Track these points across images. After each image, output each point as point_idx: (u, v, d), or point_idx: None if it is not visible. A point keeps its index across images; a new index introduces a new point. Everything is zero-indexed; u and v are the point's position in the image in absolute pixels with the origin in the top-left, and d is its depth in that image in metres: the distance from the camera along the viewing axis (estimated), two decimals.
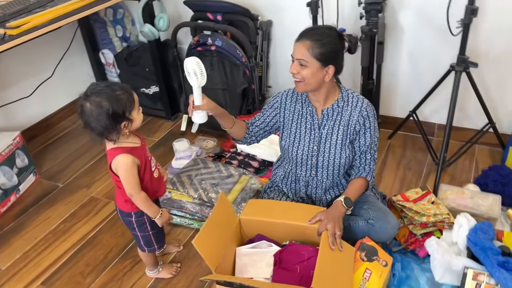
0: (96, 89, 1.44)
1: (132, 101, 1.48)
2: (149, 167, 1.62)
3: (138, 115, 1.52)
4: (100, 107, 1.42)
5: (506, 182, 2.09)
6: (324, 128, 1.77)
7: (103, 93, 1.43)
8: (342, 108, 1.75)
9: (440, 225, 1.84)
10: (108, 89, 1.44)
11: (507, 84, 2.31)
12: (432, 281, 1.71)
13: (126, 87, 1.49)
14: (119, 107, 1.43)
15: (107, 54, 3.14)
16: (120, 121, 1.46)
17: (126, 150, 1.52)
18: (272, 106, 1.84)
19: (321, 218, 1.67)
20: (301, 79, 1.65)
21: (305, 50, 1.61)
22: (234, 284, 1.51)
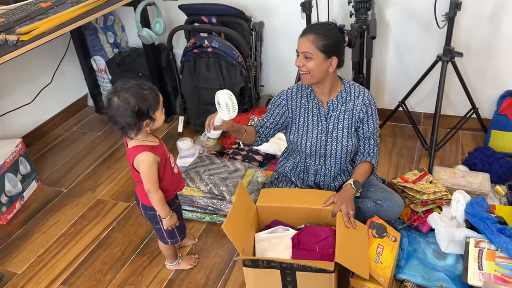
0: (125, 85, 1.51)
1: (158, 101, 1.55)
2: (169, 163, 1.70)
3: (161, 116, 1.59)
4: (127, 103, 1.49)
5: (492, 161, 2.28)
6: (330, 118, 1.90)
7: (132, 90, 1.50)
8: (346, 99, 1.88)
9: (439, 202, 1.99)
10: (137, 87, 1.51)
11: (487, 72, 2.52)
12: (438, 252, 1.86)
13: (154, 88, 1.56)
14: (145, 106, 1.50)
15: (99, 60, 3.18)
16: (143, 119, 1.53)
17: (147, 148, 1.60)
18: (279, 104, 1.94)
19: (334, 200, 1.79)
20: (306, 71, 1.77)
21: (309, 43, 1.73)
22: (262, 262, 1.60)
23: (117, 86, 1.52)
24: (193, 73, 2.75)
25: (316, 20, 2.49)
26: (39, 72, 3.01)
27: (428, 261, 1.83)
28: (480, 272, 1.64)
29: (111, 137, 3.05)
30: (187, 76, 2.78)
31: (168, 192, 1.73)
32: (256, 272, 1.66)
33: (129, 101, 1.49)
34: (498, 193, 2.17)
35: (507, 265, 1.64)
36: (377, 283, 1.63)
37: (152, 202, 1.68)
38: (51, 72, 3.07)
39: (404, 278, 1.79)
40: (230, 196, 2.17)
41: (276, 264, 1.61)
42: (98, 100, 3.35)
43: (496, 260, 1.68)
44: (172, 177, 1.72)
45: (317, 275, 1.58)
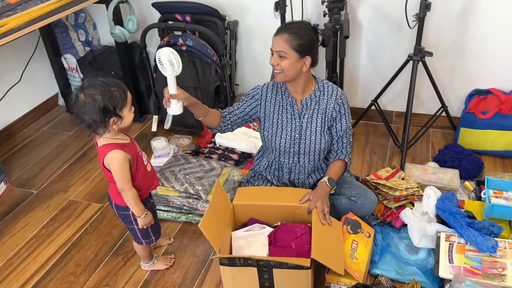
0: (93, 83, 1.49)
1: (125, 99, 1.53)
2: (141, 161, 1.68)
3: (129, 114, 1.57)
4: (93, 100, 1.47)
5: (461, 158, 2.35)
6: (304, 117, 1.91)
7: (98, 87, 1.48)
8: (319, 98, 1.91)
9: (411, 197, 2.04)
10: (104, 84, 1.49)
11: (456, 71, 2.59)
12: (411, 247, 1.90)
13: (122, 85, 1.54)
14: (111, 103, 1.48)
15: (70, 59, 3.11)
16: (109, 116, 1.51)
17: (117, 146, 1.57)
18: (253, 97, 1.95)
19: (309, 198, 1.81)
20: (280, 70, 1.78)
21: (284, 42, 1.74)
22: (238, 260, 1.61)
23: (84, 83, 1.51)
24: None
25: (290, 19, 2.51)
26: (6, 71, 2.92)
27: (401, 256, 1.87)
28: (451, 265, 1.69)
29: (83, 137, 2.99)
30: (161, 75, 2.74)
31: (142, 190, 1.71)
32: (233, 271, 1.66)
33: (95, 98, 1.47)
34: (467, 188, 2.24)
35: (476, 258, 1.70)
36: (352, 278, 1.66)
37: (126, 201, 1.66)
38: (20, 70, 2.98)
39: (378, 273, 1.82)
40: (206, 195, 2.16)
41: (253, 261, 1.61)
42: (69, 99, 3.26)
43: (466, 253, 1.73)
44: (145, 175, 1.70)
45: (294, 272, 1.60)
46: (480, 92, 2.54)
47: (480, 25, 2.41)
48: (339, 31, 2.45)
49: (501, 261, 1.67)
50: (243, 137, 2.56)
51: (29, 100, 3.18)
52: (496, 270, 1.64)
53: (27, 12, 2.11)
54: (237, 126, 1.99)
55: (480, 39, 2.45)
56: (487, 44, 2.45)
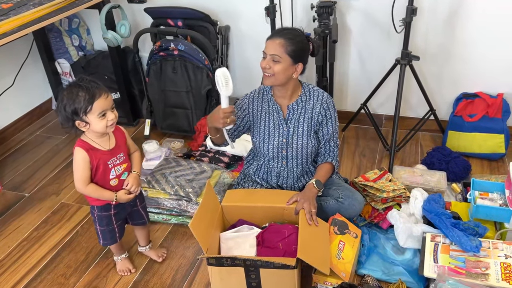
0: (71, 83, 1.57)
1: (90, 104, 1.52)
2: (107, 173, 1.69)
3: (97, 121, 1.56)
4: (61, 101, 1.53)
5: (448, 161, 2.38)
6: (290, 122, 1.94)
7: (68, 89, 1.53)
8: (305, 102, 1.93)
9: (398, 199, 2.07)
10: (75, 86, 1.53)
11: (443, 75, 2.63)
12: (397, 247, 1.92)
13: (96, 90, 1.53)
14: (72, 107, 1.51)
15: (63, 63, 3.14)
16: (74, 119, 1.55)
17: (84, 145, 1.62)
18: (241, 108, 1.97)
19: (297, 199, 1.84)
20: (272, 73, 1.80)
21: (279, 46, 1.76)
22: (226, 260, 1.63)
23: (71, 83, 1.58)
24: (160, 76, 2.76)
25: (280, 24, 2.55)
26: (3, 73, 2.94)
27: (388, 256, 1.89)
28: (435, 264, 1.72)
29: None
30: (153, 79, 2.78)
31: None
32: (220, 271, 1.68)
33: (62, 98, 1.53)
34: (454, 190, 2.27)
35: (460, 257, 1.73)
36: (339, 278, 1.68)
37: (90, 196, 1.71)
38: (13, 75, 3.01)
39: (365, 273, 1.84)
40: (196, 198, 2.19)
41: (240, 261, 1.63)
42: None
43: (451, 253, 1.76)
44: (105, 187, 1.71)
45: (280, 272, 1.62)
46: (467, 96, 2.58)
47: (467, 29, 2.46)
48: (328, 36, 2.49)
49: (484, 260, 1.70)
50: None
51: (23, 105, 3.20)
52: (479, 269, 1.66)
53: (20, 16, 2.14)
54: (237, 138, 2.03)
55: (467, 43, 2.49)
56: (474, 48, 2.50)
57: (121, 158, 1.72)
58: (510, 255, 1.69)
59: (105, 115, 1.56)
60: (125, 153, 1.75)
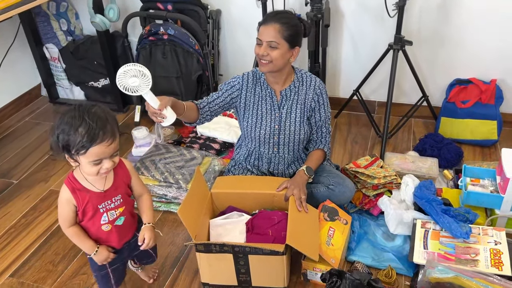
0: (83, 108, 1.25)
1: (85, 148, 1.23)
2: (96, 218, 1.42)
3: (88, 166, 1.28)
4: (58, 125, 1.25)
5: (440, 147, 2.37)
6: (283, 108, 1.91)
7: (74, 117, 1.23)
8: (298, 88, 1.90)
9: (389, 186, 2.05)
10: (81, 118, 1.23)
11: (437, 60, 2.60)
12: (387, 234, 1.92)
13: (99, 134, 1.23)
14: (66, 139, 1.23)
15: (52, 48, 3.08)
16: (64, 152, 1.27)
17: (72, 184, 1.36)
18: (233, 86, 1.92)
19: (287, 186, 1.82)
20: (269, 60, 1.75)
21: (275, 32, 1.72)
22: (214, 246, 1.61)
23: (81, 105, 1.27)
24: (149, 61, 2.71)
25: (272, 8, 2.50)
26: None
27: (378, 243, 1.89)
28: (425, 251, 1.71)
29: None
30: (143, 64, 2.71)
31: (99, 242, 1.48)
32: (209, 257, 1.67)
33: (59, 124, 1.25)
34: (445, 177, 2.25)
35: (450, 244, 1.72)
36: (328, 264, 1.67)
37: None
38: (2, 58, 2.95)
39: (355, 259, 1.84)
40: (186, 184, 2.16)
41: (228, 248, 1.62)
42: (52, 90, 3.25)
43: (441, 239, 1.75)
44: (98, 232, 1.45)
45: (269, 258, 1.61)
46: (460, 82, 2.56)
47: (460, 15, 2.42)
48: (320, 20, 2.45)
49: (474, 246, 1.69)
50: (225, 127, 2.56)
51: (11, 91, 3.15)
52: (469, 255, 1.66)
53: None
54: (216, 115, 1.94)
55: (461, 28, 2.46)
56: (468, 34, 2.47)
57: (117, 201, 1.43)
58: (499, 241, 1.69)
59: (101, 163, 1.29)
60: (124, 194, 1.45)
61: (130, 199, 1.50)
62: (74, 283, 1.86)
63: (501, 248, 1.66)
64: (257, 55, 1.77)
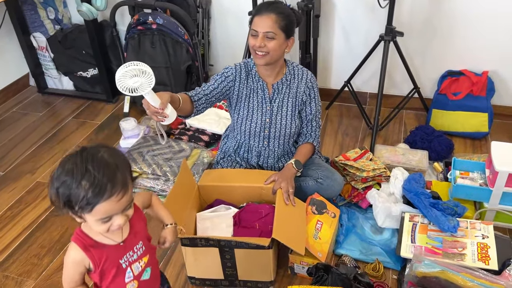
0: (86, 153, 1.02)
1: (90, 205, 0.99)
2: (120, 277, 1.15)
3: (96, 224, 1.04)
4: (57, 175, 1.01)
5: (431, 139, 2.35)
6: (275, 101, 1.88)
7: (75, 166, 0.99)
8: (290, 81, 1.87)
9: (378, 178, 2.04)
10: (84, 168, 0.99)
11: (428, 52, 2.58)
12: (375, 227, 1.91)
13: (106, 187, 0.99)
14: (67, 193, 0.99)
15: (39, 37, 3.02)
16: (67, 208, 1.02)
17: (83, 240, 1.11)
18: (228, 77, 1.85)
19: (275, 179, 1.80)
20: (266, 52, 1.71)
21: (272, 22, 1.68)
22: (199, 240, 1.60)
23: (85, 149, 1.03)
24: (138, 50, 2.67)
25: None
26: None
27: (366, 236, 1.88)
28: (413, 245, 1.70)
29: (53, 118, 2.94)
30: (131, 54, 2.70)
31: None
32: (195, 251, 1.65)
33: (58, 174, 1.01)
34: (435, 169, 2.24)
35: (437, 238, 1.71)
36: (315, 258, 1.66)
37: None
38: None
39: (343, 253, 1.83)
40: (174, 177, 2.14)
41: (214, 242, 1.60)
42: (40, 80, 3.20)
43: (428, 233, 1.74)
44: None
45: (255, 252, 1.59)
46: (452, 74, 2.54)
47: (452, 6, 2.39)
48: (311, 10, 2.42)
49: (461, 240, 1.69)
50: (215, 118, 2.53)
51: None
52: (456, 249, 1.65)
53: None
54: (210, 106, 1.90)
55: (453, 19, 2.43)
56: (460, 24, 2.44)
57: (139, 250, 1.18)
58: (487, 235, 1.68)
59: (110, 220, 1.04)
60: (145, 239, 1.21)
61: (151, 244, 1.26)
62: (60, 276, 1.84)
63: (488, 242, 1.65)
64: (253, 47, 1.73)
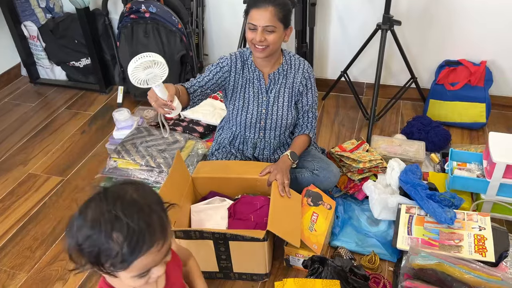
0: (103, 195, 0.86)
1: (126, 262, 0.84)
2: None
3: (132, 280, 0.88)
4: (78, 227, 0.84)
5: (428, 130, 2.33)
6: (271, 92, 1.85)
7: (102, 216, 0.83)
8: (287, 71, 1.84)
9: (375, 170, 2.02)
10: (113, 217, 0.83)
11: (426, 41, 2.54)
12: (372, 219, 1.89)
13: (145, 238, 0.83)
14: (95, 251, 0.83)
15: (30, 26, 2.96)
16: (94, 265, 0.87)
17: None
18: (223, 68, 1.82)
19: (270, 170, 1.77)
20: (266, 45, 1.68)
21: (271, 15, 1.64)
22: (194, 233, 1.57)
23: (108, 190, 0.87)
24: (131, 40, 2.62)
25: None
26: None
27: (362, 228, 1.86)
28: (409, 237, 1.69)
29: (46, 109, 2.89)
30: (124, 43, 2.65)
31: None
32: (189, 244, 1.63)
33: (79, 223, 0.85)
34: (432, 160, 2.22)
35: (434, 229, 1.70)
36: (311, 250, 1.65)
37: None
38: None
39: (339, 245, 1.81)
40: (167, 169, 2.11)
41: (208, 234, 1.58)
42: (32, 70, 3.15)
43: (425, 225, 1.73)
44: None
45: (250, 244, 1.57)
46: (450, 63, 2.51)
47: None
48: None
49: (458, 232, 1.67)
50: (209, 109, 2.49)
51: None
52: (453, 241, 1.64)
53: None
54: (206, 98, 1.86)
55: (450, 8, 2.39)
56: (458, 13, 2.40)
57: None
58: (484, 226, 1.67)
59: (148, 272, 0.89)
60: None
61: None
62: (53, 269, 1.82)
63: (485, 234, 1.64)
64: (252, 41, 1.69)
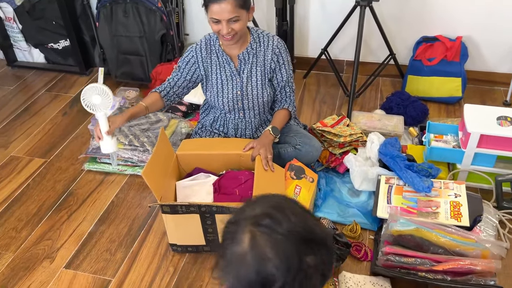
0: (282, 222, 0.76)
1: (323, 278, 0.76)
2: None
3: None
4: (254, 271, 0.75)
5: (406, 105, 2.39)
6: (243, 72, 1.86)
7: (281, 241, 0.75)
8: (256, 50, 1.84)
9: (355, 143, 2.07)
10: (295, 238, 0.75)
11: (404, 17, 2.58)
12: (353, 190, 1.95)
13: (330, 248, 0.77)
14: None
15: (6, 7, 2.90)
16: None
17: None
18: (188, 62, 1.85)
19: (253, 145, 1.81)
20: (233, 34, 1.69)
21: (232, 7, 1.62)
22: (180, 207, 1.60)
23: (263, 213, 0.79)
24: (110, 20, 2.60)
25: None
26: None
27: (343, 199, 1.92)
28: (388, 205, 1.75)
29: (25, 92, 2.86)
30: (103, 24, 2.62)
31: None
32: (175, 218, 1.66)
33: (264, 261, 0.74)
34: (411, 134, 2.29)
35: (412, 198, 1.76)
36: None
37: None
38: None
39: (321, 216, 1.86)
40: (151, 147, 2.12)
41: (194, 208, 1.61)
42: (9, 52, 3.09)
43: (404, 194, 1.79)
44: None
45: None
46: (427, 39, 2.56)
47: None
48: None
49: (435, 200, 1.74)
50: None
51: None
52: (430, 208, 1.71)
53: None
54: (184, 95, 1.94)
55: None
56: None
57: None
58: (459, 194, 1.74)
59: None
60: None
61: None
62: (39, 248, 1.83)
63: (460, 200, 1.71)
64: (219, 32, 1.70)
